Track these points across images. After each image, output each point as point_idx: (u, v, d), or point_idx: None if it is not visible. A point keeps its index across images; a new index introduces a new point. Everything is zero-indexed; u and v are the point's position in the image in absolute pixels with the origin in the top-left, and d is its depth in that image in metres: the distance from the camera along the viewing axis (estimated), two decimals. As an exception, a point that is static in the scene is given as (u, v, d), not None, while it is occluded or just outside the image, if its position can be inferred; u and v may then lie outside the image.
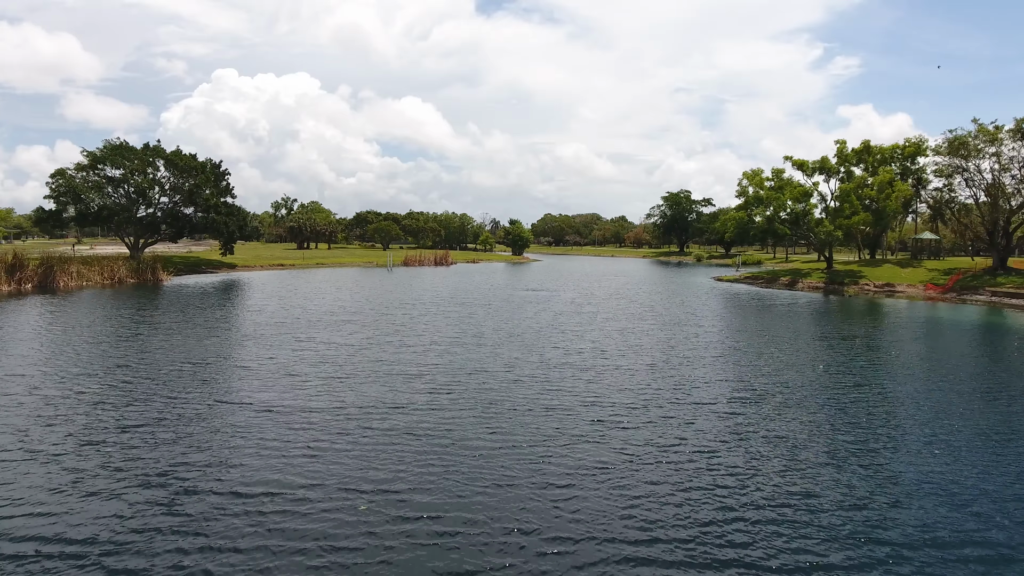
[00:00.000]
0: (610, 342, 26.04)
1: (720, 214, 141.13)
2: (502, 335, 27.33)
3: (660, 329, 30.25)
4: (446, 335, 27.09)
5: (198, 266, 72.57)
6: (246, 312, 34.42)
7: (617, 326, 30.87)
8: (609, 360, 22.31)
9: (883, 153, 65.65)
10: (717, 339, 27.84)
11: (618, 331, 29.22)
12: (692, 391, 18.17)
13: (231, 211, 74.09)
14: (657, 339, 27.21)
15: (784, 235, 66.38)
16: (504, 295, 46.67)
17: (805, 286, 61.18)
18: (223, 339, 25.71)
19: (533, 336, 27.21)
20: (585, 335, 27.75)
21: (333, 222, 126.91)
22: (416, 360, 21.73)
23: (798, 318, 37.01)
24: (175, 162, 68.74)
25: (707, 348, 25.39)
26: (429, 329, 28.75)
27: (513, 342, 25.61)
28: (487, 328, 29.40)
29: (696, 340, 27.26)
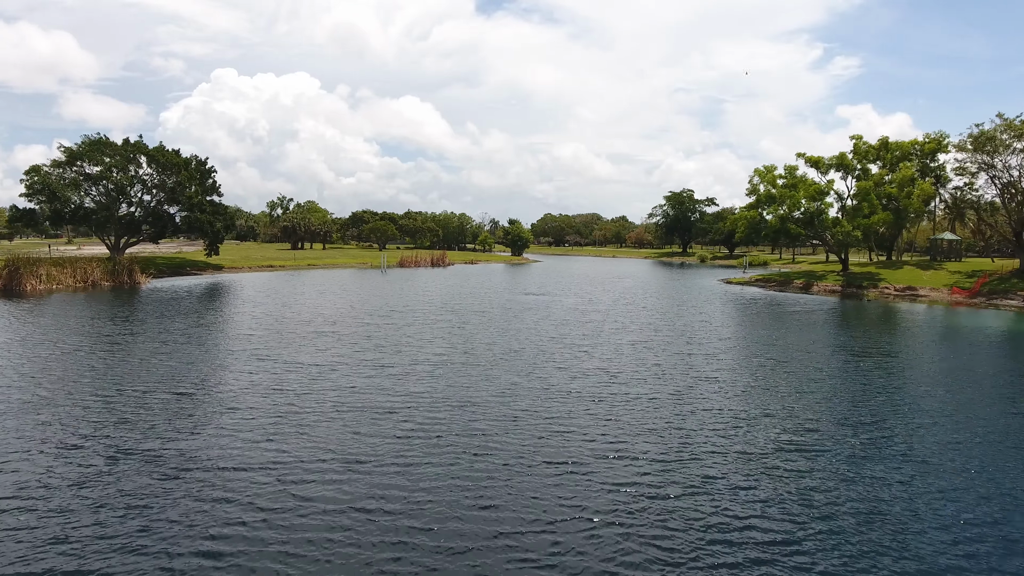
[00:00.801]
0: (623, 362, 22.12)
1: (724, 214, 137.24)
2: (497, 352, 23.41)
3: (677, 343, 26.32)
4: (432, 352, 23.17)
5: (182, 267, 68.66)
6: (212, 322, 30.51)
7: (628, 339, 26.95)
8: (624, 386, 18.39)
9: (902, 149, 61.71)
10: (745, 356, 23.91)
11: (630, 346, 25.30)
12: (734, 433, 14.27)
13: (217, 210, 70.14)
14: (676, 356, 23.29)
15: (797, 236, 62.42)
16: (501, 300, 42.77)
17: (821, 289, 57.29)
18: (171, 358, 21.78)
19: (533, 353, 23.30)
20: (593, 351, 23.84)
21: (328, 222, 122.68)
22: (391, 388, 17.80)
23: (824, 327, 33.10)
24: (157, 158, 64.78)
25: (737, 370, 21.47)
26: (413, 344, 24.82)
27: (510, 361, 21.70)
28: (480, 343, 25.47)
29: (722, 359, 23.34)
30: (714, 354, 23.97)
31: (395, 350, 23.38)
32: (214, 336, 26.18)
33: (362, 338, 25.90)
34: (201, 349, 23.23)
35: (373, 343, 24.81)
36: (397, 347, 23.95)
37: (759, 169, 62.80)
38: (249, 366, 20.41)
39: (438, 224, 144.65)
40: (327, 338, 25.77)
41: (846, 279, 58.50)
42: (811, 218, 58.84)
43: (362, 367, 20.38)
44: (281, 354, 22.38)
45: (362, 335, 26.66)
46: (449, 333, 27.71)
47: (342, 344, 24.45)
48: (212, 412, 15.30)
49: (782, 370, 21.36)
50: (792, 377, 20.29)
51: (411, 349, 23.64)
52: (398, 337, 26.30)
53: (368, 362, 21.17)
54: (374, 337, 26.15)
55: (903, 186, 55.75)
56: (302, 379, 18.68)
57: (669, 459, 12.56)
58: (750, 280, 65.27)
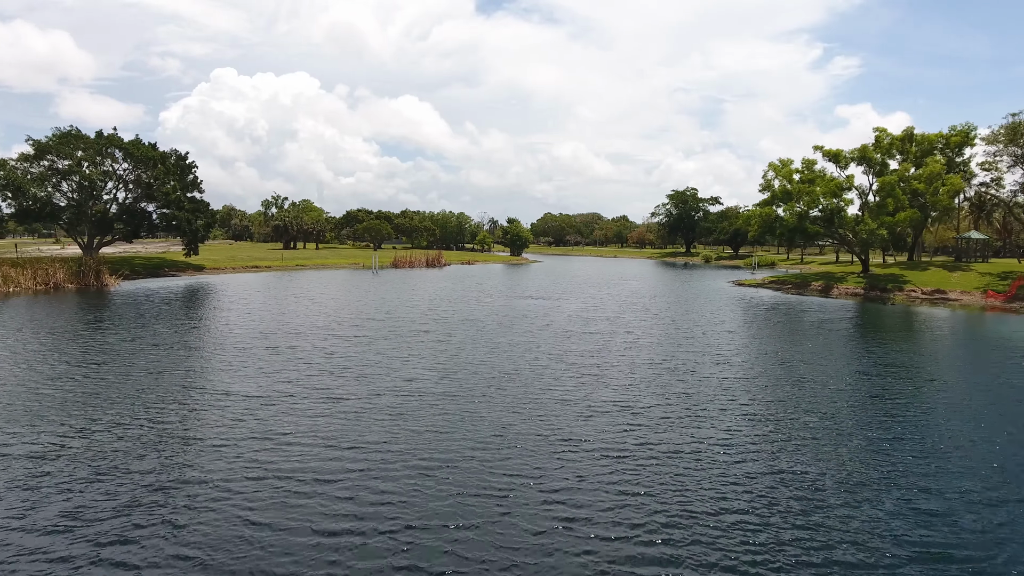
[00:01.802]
0: (644, 392, 17.36)
1: (728, 212, 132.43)
2: (484, 377, 18.66)
3: (704, 363, 21.56)
4: (402, 378, 18.41)
5: (160, 268, 63.92)
6: (154, 334, 25.72)
7: (644, 357, 22.20)
8: (650, 431, 13.64)
9: (928, 142, 56.88)
10: (789, 381, 19.14)
11: (648, 367, 20.54)
12: (809, 511, 9.51)
13: (198, 207, 65.39)
14: (708, 384, 18.53)
15: (815, 235, 57.62)
16: (496, 306, 38.01)
17: (841, 292, 52.50)
18: (80, 387, 17.01)
19: (530, 378, 18.54)
20: (605, 376, 19.08)
21: (321, 221, 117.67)
22: (335, 436, 13.04)
23: (861, 338, 28.31)
24: (132, 152, 59.99)
25: (786, 403, 16.71)
26: (382, 366, 20.07)
27: (500, 392, 16.95)
28: (465, 363, 20.71)
29: (764, 386, 18.58)
30: (752, 378, 19.20)
31: (357, 375, 18.61)
32: (144, 353, 21.43)
33: (322, 357, 21.13)
34: (118, 371, 18.47)
35: (333, 365, 20.04)
36: (360, 371, 19.19)
37: (774, 163, 58.01)
38: (165, 398, 15.66)
39: (435, 223, 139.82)
40: (279, 357, 21.01)
41: (868, 281, 53.70)
42: (831, 215, 54.02)
43: (308, 402, 15.62)
44: (214, 381, 17.62)
45: (324, 353, 21.89)
46: (429, 349, 22.95)
47: (295, 366, 19.69)
48: (61, 484, 10.56)
49: (836, 399, 16.61)
50: (856, 411, 15.54)
51: (377, 374, 18.87)
52: (366, 356, 21.53)
53: (318, 393, 16.40)
54: (337, 356, 21.39)
55: (931, 181, 50.93)
56: (222, 421, 13.93)
57: (725, 554, 7.81)
58: (763, 282, 60.47)
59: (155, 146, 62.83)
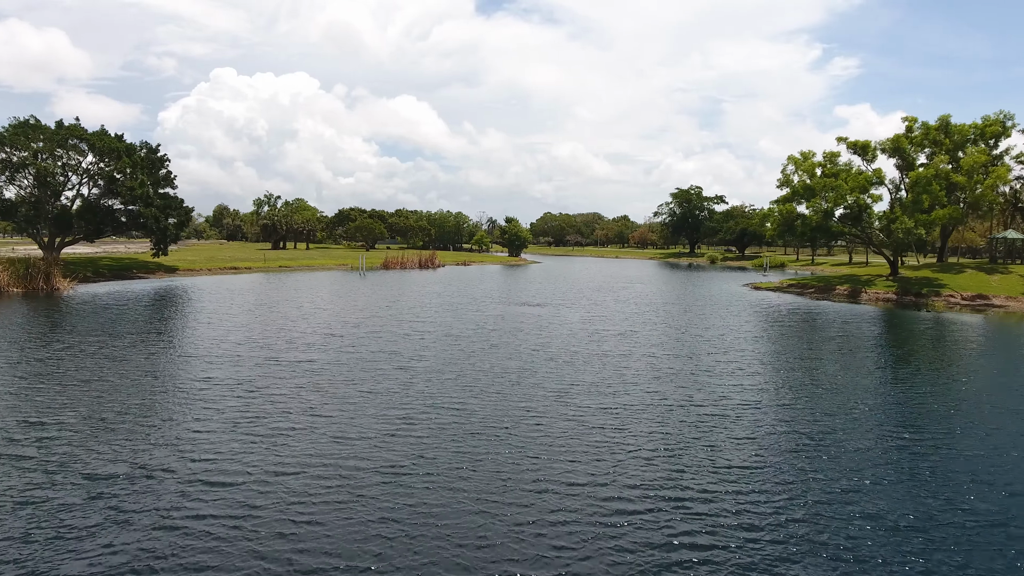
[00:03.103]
0: (683, 456, 11.95)
1: (734, 212, 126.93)
2: (460, 432, 13.25)
3: (745, 395, 16.14)
4: (345, 429, 13.00)
5: (128, 270, 58.43)
6: (56, 352, 20.26)
7: (671, 393, 16.79)
8: (710, 528, 8.24)
9: (960, 133, 51.50)
10: (865, 428, 13.74)
11: (680, 410, 15.12)
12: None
13: (169, 204, 59.84)
14: (765, 443, 13.14)
15: (839, 234, 52.21)
16: (487, 316, 32.60)
17: (871, 298, 47.09)
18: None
19: (524, 437, 13.13)
20: (626, 425, 13.67)
21: (312, 220, 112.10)
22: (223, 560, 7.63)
23: (926, 357, 22.89)
24: (94, 144, 54.51)
25: (867, 464, 11.31)
26: (328, 407, 14.65)
27: (487, 456, 11.54)
28: (437, 405, 15.27)
29: (833, 436, 13.18)
30: (814, 425, 13.80)
31: (289, 425, 13.20)
32: (30, 377, 16.01)
33: (249, 394, 15.70)
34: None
35: (263, 405, 14.61)
36: (295, 418, 13.78)
37: (794, 156, 52.53)
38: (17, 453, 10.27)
39: (432, 223, 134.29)
40: (191, 398, 15.58)
41: (900, 286, 48.29)
42: (859, 213, 48.58)
43: (197, 484, 10.21)
44: (89, 446, 12.23)
45: (254, 387, 16.46)
46: (394, 380, 17.51)
47: (198, 419, 14.26)
48: None
49: (927, 441, 11.22)
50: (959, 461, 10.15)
51: (317, 424, 13.44)
52: (308, 394, 16.10)
53: (220, 464, 10.99)
54: (266, 393, 15.95)
55: (972, 173, 45.48)
56: (76, 500, 8.52)
57: None
58: (782, 285, 55.03)
59: (121, 137, 57.33)
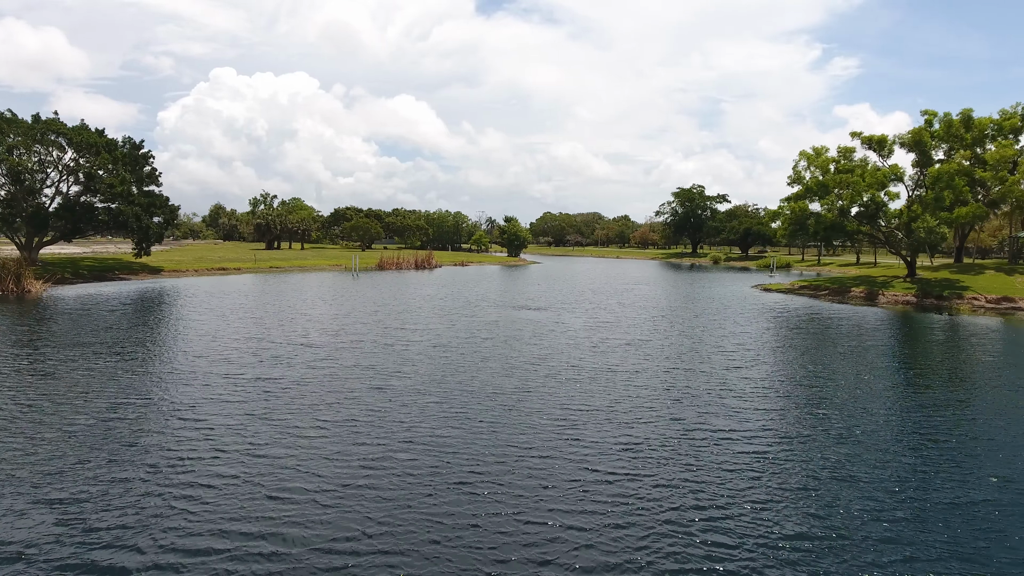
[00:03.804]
0: (729, 515, 9.16)
1: (737, 211, 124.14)
2: (444, 476, 10.46)
3: (791, 434, 13.37)
4: (294, 477, 10.21)
5: (110, 271, 55.65)
6: (28, 360, 17.52)
7: (694, 417, 14.02)
8: None
9: (980, 127, 48.70)
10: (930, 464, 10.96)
11: (709, 443, 12.35)
12: None
13: (154, 202, 57.07)
14: (827, 498, 10.35)
15: (853, 233, 49.40)
16: (482, 322, 29.82)
17: (889, 300, 44.28)
18: None
19: (525, 484, 10.34)
20: (646, 468, 10.90)
21: (307, 219, 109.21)
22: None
23: (972, 368, 20.10)
24: (72, 139, 51.75)
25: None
26: (276, 448, 11.87)
27: (472, 522, 8.75)
28: (414, 441, 12.49)
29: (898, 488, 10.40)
30: (901, 487, 11.04)
31: (215, 474, 10.41)
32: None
33: (179, 427, 12.91)
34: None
35: (191, 444, 11.83)
36: (226, 461, 11.01)
37: (806, 152, 49.73)
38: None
39: (430, 223, 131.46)
40: (109, 432, 12.81)
41: (920, 288, 45.49)
42: (876, 211, 45.78)
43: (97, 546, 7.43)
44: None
45: (191, 417, 13.68)
46: (365, 406, 14.71)
47: (118, 450, 11.49)
48: None
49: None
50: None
51: (255, 471, 10.65)
52: (255, 426, 13.32)
53: (111, 537, 8.21)
54: (203, 426, 13.16)
55: (998, 168, 42.68)
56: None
57: None
58: (793, 287, 52.23)
59: (102, 132, 54.59)
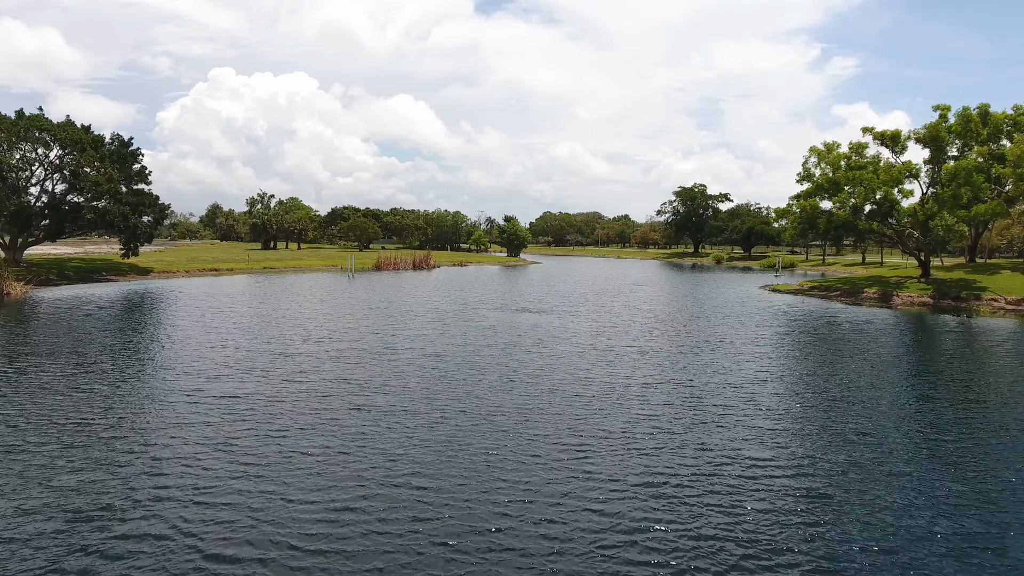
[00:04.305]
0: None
1: (739, 210, 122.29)
2: (429, 532, 8.54)
3: (835, 464, 11.47)
4: (239, 529, 8.29)
5: (98, 272, 53.69)
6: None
7: (723, 445, 12.12)
8: None
9: (996, 123, 46.81)
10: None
11: (746, 484, 10.45)
12: None
13: (143, 201, 55.15)
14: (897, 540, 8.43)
15: (867, 232, 47.50)
16: (479, 327, 27.93)
17: (905, 302, 42.39)
18: None
19: (527, 538, 8.43)
20: (674, 515, 8.98)
21: (304, 219, 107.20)
22: None
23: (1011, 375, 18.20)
24: (57, 135, 49.83)
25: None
26: (231, 486, 9.95)
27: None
28: (393, 481, 10.58)
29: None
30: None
31: (137, 528, 8.49)
32: None
33: (124, 461, 10.99)
34: None
35: (133, 481, 9.91)
36: (179, 501, 9.08)
37: (817, 148, 47.84)
38: None
39: (429, 222, 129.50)
40: (52, 454, 10.89)
41: (936, 289, 43.59)
42: (890, 209, 43.90)
43: None
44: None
45: (139, 447, 11.76)
46: (342, 432, 12.81)
47: (56, 482, 9.56)
48: None
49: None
50: None
51: (201, 525, 8.72)
52: (210, 459, 11.41)
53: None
54: (147, 458, 11.25)
55: (1017, 164, 40.82)
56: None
57: None
58: (803, 288, 50.33)
59: (88, 128, 52.68)
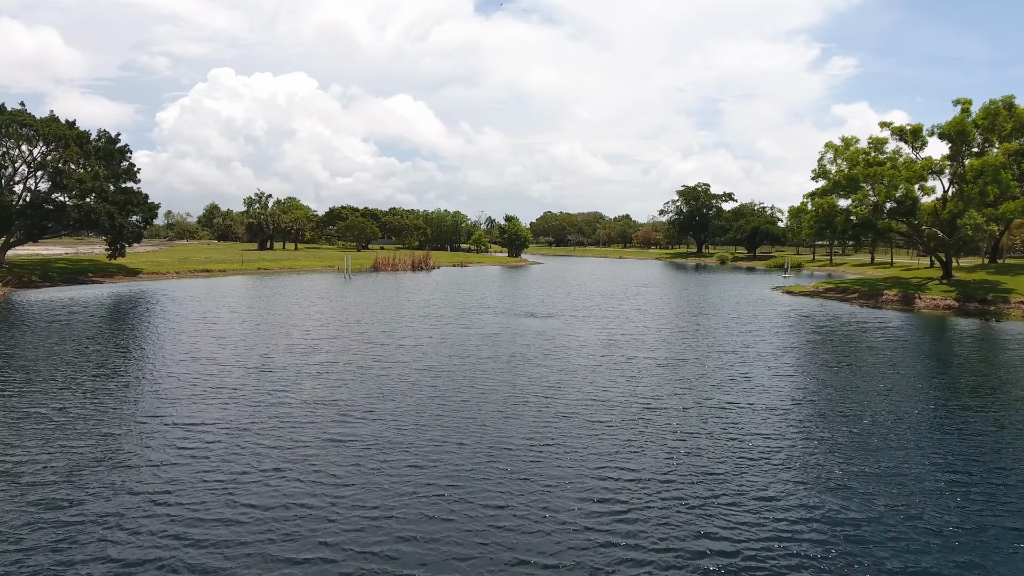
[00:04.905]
0: None
1: (744, 209, 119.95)
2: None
3: (933, 524, 9.15)
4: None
5: (84, 273, 51.41)
6: None
7: (791, 491, 9.79)
8: None
9: (1019, 117, 44.43)
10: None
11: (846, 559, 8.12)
12: None
13: (131, 199, 52.85)
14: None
15: (886, 231, 45.17)
16: (483, 334, 25.61)
17: (928, 305, 40.06)
18: None
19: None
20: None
21: (301, 219, 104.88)
22: None
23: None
24: (40, 131, 47.52)
25: None
26: (164, 560, 7.62)
27: None
28: (369, 551, 8.26)
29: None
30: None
31: None
32: None
33: (60, 506, 8.69)
34: None
35: (33, 550, 7.59)
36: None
37: (833, 143, 45.49)
38: None
39: (429, 222, 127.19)
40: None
41: (960, 291, 41.26)
42: (912, 207, 41.57)
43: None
44: None
45: (71, 493, 9.46)
46: (315, 477, 10.50)
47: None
48: None
49: None
50: None
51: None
52: (124, 516, 9.10)
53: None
54: (36, 528, 8.93)
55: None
56: None
57: None
58: (818, 290, 48.00)
59: (73, 124, 50.37)
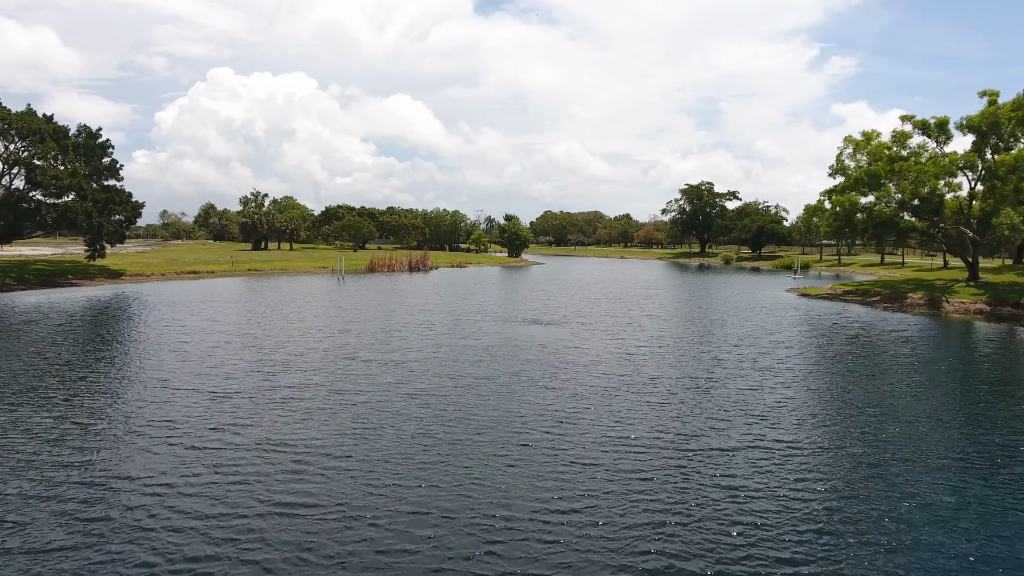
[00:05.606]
0: None
1: (748, 208, 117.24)
2: None
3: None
4: None
5: (62, 275, 48.56)
6: None
7: (878, 566, 7.05)
8: None
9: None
10: None
11: None
12: None
13: (113, 198, 50.09)
14: None
15: (909, 230, 42.42)
16: (480, 347, 22.84)
17: (957, 309, 37.33)
18: None
19: None
20: None
21: (296, 219, 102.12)
22: None
23: None
24: (14, 125, 44.71)
25: None
26: None
27: None
28: None
29: None
30: None
31: None
32: None
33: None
34: None
35: None
36: None
37: (853, 137, 42.73)
38: None
39: (427, 222, 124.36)
40: None
41: (990, 294, 38.54)
42: (939, 204, 38.83)
43: None
44: None
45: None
46: (244, 542, 7.75)
47: None
48: None
49: None
50: None
51: None
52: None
53: None
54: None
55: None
56: None
57: None
58: (836, 292, 45.25)
59: (50, 119, 47.55)
